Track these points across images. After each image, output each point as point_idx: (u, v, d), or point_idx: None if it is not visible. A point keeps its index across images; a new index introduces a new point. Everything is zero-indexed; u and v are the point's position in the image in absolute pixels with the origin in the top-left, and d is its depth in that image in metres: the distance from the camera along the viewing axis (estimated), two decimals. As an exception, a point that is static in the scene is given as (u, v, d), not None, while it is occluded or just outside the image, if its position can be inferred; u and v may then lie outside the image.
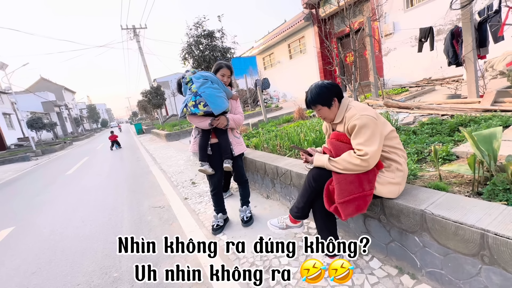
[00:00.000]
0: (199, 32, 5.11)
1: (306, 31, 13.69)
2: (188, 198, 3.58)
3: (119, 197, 4.19)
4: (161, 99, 15.65)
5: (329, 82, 1.53)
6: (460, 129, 2.26)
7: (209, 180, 2.50)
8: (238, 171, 2.47)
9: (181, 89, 2.39)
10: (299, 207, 1.62)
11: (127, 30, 16.34)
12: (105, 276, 2.10)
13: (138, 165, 6.83)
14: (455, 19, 7.65)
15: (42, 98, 29.69)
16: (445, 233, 1.23)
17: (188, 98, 2.25)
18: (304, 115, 6.84)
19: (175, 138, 10.53)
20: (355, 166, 1.36)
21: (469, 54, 3.56)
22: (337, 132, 1.53)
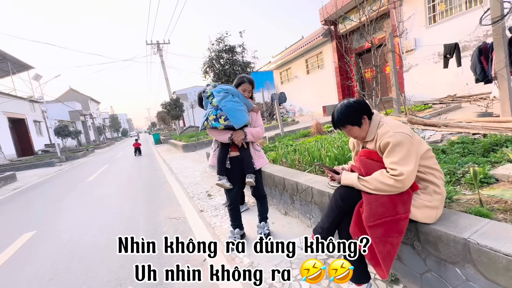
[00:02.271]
0: (221, 47, 5.28)
1: (324, 46, 13.78)
2: (204, 210, 3.54)
3: (136, 206, 4.23)
4: (180, 110, 16.11)
5: (355, 100, 1.47)
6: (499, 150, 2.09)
7: (226, 194, 2.45)
8: (257, 185, 2.40)
9: (202, 103, 2.40)
10: (324, 228, 1.53)
11: (152, 45, 17.27)
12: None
13: (155, 175, 6.93)
14: (482, 36, 7.41)
15: (69, 108, 31.50)
16: (494, 267, 1.09)
17: (209, 112, 2.24)
18: (322, 130, 6.73)
19: (191, 149, 10.68)
20: (388, 187, 1.26)
21: (502, 71, 3.38)
22: (368, 149, 1.45)
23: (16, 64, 18.60)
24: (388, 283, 1.60)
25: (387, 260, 1.28)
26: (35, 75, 16.64)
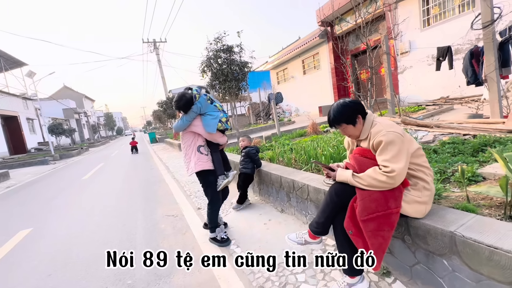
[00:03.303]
0: (218, 47, 5.31)
1: (320, 47, 13.89)
2: (201, 208, 3.58)
3: (133, 204, 4.24)
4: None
5: (350, 100, 1.54)
6: (488, 150, 2.18)
7: (221, 192, 2.54)
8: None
9: (189, 105, 2.28)
10: (319, 223, 1.59)
11: (148, 44, 17.17)
12: (119, 283, 2.10)
13: (151, 173, 6.94)
14: (474, 39, 7.58)
15: (64, 105, 31.08)
16: (478, 257, 1.17)
17: (219, 115, 2.40)
18: (318, 130, 6.82)
19: (188, 148, 10.68)
20: (381, 183, 1.33)
21: (492, 73, 3.50)
22: (361, 148, 1.52)
23: (9, 61, 18.32)
24: (380, 276, 1.67)
25: (379, 252, 1.35)
26: (28, 72, 16.41)
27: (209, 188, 2.44)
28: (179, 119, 2.36)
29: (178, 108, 2.27)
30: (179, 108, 2.26)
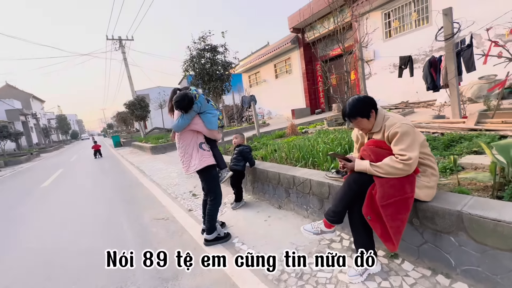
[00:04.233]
0: (202, 46, 5.23)
1: (292, 53, 14.42)
2: (193, 209, 3.47)
3: (113, 209, 3.94)
4: (145, 111, 15.22)
5: (365, 95, 1.67)
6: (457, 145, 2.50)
7: (219, 189, 2.51)
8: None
9: (191, 105, 2.25)
10: (337, 211, 1.68)
11: (113, 41, 16.07)
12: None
13: (124, 177, 6.50)
14: (428, 51, 8.57)
15: (8, 106, 27.50)
16: (483, 231, 1.35)
17: (217, 113, 2.46)
18: (296, 131, 7.06)
19: (161, 151, 10.21)
20: (398, 170, 1.46)
21: (453, 80, 4.02)
22: (375, 139, 1.64)
23: None
24: (389, 258, 1.81)
25: (397, 234, 1.47)
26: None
27: (213, 182, 2.44)
28: (179, 118, 2.28)
29: (181, 108, 2.20)
30: (182, 107, 2.20)
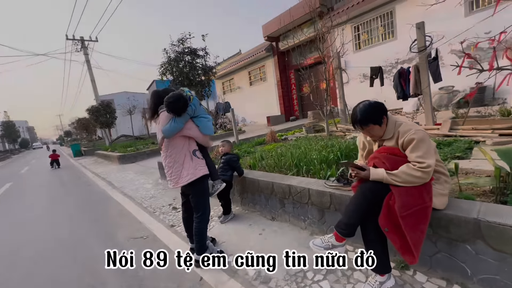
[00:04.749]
0: (181, 49, 4.94)
1: (266, 61, 14.58)
2: (175, 225, 3.15)
3: (79, 229, 3.45)
4: (111, 117, 14.05)
5: (375, 101, 1.61)
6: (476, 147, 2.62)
7: (209, 205, 2.26)
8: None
9: (185, 107, 2.05)
10: (350, 224, 1.56)
11: (74, 41, 14.70)
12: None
13: (90, 191, 5.83)
14: (394, 62, 9.22)
15: None
16: (502, 238, 1.33)
17: (210, 117, 2.29)
18: (276, 138, 7.01)
19: (130, 161, 9.45)
20: (416, 179, 1.40)
21: (426, 89, 4.28)
22: (388, 146, 1.58)
23: None
24: (400, 270, 1.74)
25: (418, 246, 1.40)
26: None
27: (204, 195, 2.20)
28: (170, 122, 2.02)
29: (175, 110, 1.95)
30: (176, 109, 1.95)
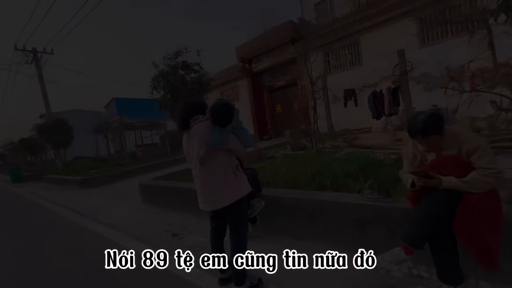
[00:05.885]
0: (174, 63, 4.69)
1: (240, 81, 14.84)
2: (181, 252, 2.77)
3: (59, 275, 2.80)
4: (68, 136, 12.36)
5: (433, 112, 1.66)
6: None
7: (246, 221, 2.14)
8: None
9: (231, 118, 1.96)
10: (423, 235, 1.53)
11: (23, 52, 13.00)
12: None
13: (53, 225, 4.93)
14: (361, 86, 10.13)
15: None
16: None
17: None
18: (262, 156, 6.96)
19: (94, 185, 8.35)
20: (489, 184, 1.45)
21: (406, 107, 4.74)
22: (451, 155, 1.60)
23: None
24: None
25: (498, 252, 1.41)
26: None
27: (245, 215, 2.05)
28: (214, 133, 1.82)
29: (225, 121, 1.80)
30: (226, 120, 1.80)
